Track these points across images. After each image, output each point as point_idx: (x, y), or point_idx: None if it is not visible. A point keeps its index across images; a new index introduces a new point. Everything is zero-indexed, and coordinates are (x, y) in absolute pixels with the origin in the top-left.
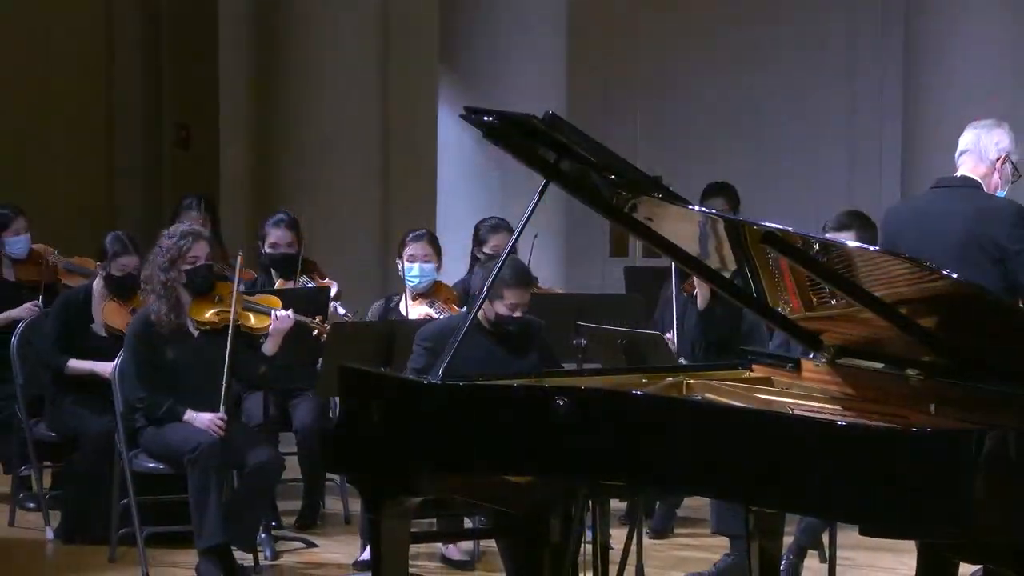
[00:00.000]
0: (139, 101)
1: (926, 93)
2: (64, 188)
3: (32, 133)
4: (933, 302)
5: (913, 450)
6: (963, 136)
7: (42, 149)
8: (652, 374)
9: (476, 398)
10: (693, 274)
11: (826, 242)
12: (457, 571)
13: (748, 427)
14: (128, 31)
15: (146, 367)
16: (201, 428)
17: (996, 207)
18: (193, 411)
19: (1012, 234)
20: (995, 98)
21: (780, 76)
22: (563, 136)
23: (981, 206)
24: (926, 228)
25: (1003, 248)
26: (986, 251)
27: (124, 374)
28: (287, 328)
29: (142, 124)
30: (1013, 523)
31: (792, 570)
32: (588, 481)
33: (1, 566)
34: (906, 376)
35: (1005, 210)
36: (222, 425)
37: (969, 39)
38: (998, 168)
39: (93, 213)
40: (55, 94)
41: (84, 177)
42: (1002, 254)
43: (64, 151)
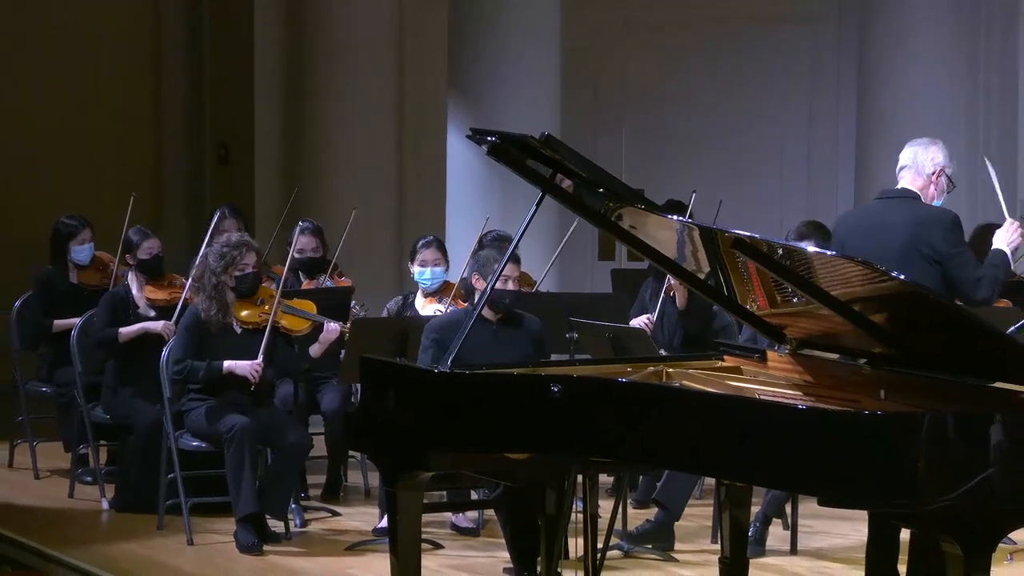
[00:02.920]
0: (183, 123)
1: (877, 116)
2: (115, 201)
3: (89, 153)
4: (883, 300)
5: (865, 431)
6: (903, 153)
7: (98, 167)
8: (636, 364)
9: (480, 385)
10: (672, 276)
11: (789, 247)
12: (464, 537)
13: (720, 410)
14: (174, 62)
15: (192, 353)
16: (242, 374)
17: (933, 215)
18: (231, 362)
19: (947, 238)
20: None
21: (748, 101)
22: (557, 153)
23: (919, 214)
24: (871, 234)
25: (940, 251)
26: (924, 254)
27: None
28: (334, 338)
29: (185, 143)
30: (952, 494)
31: (759, 536)
32: (579, 458)
33: (62, 532)
34: (859, 365)
35: (941, 218)
36: (260, 371)
37: (916, 69)
38: (934, 181)
39: (142, 222)
40: (110, 117)
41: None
42: (939, 257)
43: (116, 167)
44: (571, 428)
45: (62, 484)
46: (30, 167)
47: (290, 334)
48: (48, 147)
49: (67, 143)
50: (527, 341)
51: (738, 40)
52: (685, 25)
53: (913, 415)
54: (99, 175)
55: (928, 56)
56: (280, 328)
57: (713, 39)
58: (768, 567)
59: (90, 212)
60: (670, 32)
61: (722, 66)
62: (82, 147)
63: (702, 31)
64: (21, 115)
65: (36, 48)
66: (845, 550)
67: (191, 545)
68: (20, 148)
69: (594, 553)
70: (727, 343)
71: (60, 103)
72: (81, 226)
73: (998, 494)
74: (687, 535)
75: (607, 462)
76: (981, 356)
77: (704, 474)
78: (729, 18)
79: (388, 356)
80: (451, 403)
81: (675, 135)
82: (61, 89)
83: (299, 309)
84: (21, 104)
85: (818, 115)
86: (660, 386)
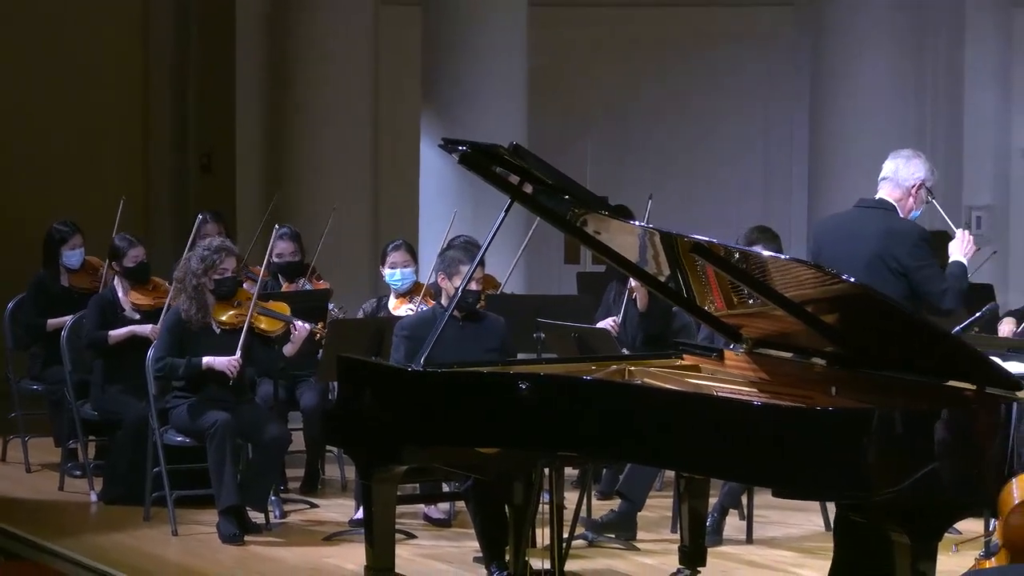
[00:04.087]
0: (169, 134)
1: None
2: (105, 208)
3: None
4: (834, 302)
5: (817, 426)
6: (885, 164)
7: (89, 174)
8: (600, 363)
9: (452, 383)
10: (634, 278)
11: (745, 252)
12: (436, 528)
13: (680, 406)
14: (161, 77)
15: (173, 351)
16: (220, 369)
17: (902, 229)
18: (210, 357)
19: (912, 252)
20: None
21: (706, 114)
22: (525, 162)
23: (890, 227)
24: (843, 242)
25: (905, 265)
26: (889, 266)
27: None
28: (305, 336)
29: (171, 152)
30: (900, 486)
31: (716, 526)
32: (545, 452)
33: (52, 523)
34: (812, 364)
35: (909, 232)
36: (238, 367)
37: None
38: (913, 194)
39: (130, 228)
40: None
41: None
42: (904, 270)
43: (106, 175)
44: (538, 424)
45: (53, 478)
46: (24, 175)
47: (266, 335)
48: (42, 155)
49: (60, 151)
50: (491, 336)
51: (698, 56)
52: (647, 43)
53: (863, 411)
54: (90, 182)
55: (878, 72)
56: (256, 330)
57: (673, 56)
58: (725, 555)
59: (81, 218)
60: (632, 49)
61: (682, 81)
62: (74, 155)
63: (663, 49)
64: (16, 126)
65: (33, 63)
66: (798, 539)
67: (176, 536)
68: (14, 156)
69: (560, 542)
70: (686, 342)
71: (53, 115)
72: (72, 232)
73: (944, 486)
74: (648, 525)
75: (572, 456)
76: (928, 355)
77: (664, 467)
78: (688, 36)
79: (364, 355)
80: (424, 400)
81: (637, 145)
82: (55, 102)
83: (273, 311)
84: (16, 116)
85: (773, 126)
86: (623, 384)
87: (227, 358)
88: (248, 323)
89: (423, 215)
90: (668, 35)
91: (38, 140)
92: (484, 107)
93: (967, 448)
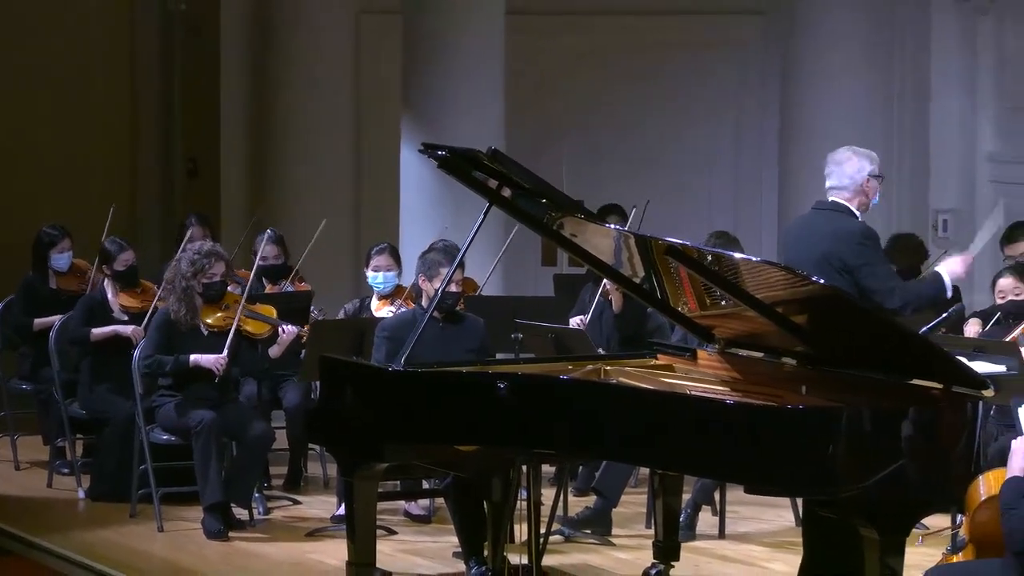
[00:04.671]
0: (156, 140)
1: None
2: (95, 211)
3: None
4: (804, 303)
5: (788, 424)
6: (826, 170)
7: (78, 179)
8: (576, 362)
9: (432, 382)
10: (609, 280)
11: (717, 254)
12: (416, 524)
13: (654, 405)
14: (148, 85)
15: (161, 350)
16: (207, 367)
17: (845, 230)
18: (197, 355)
19: (855, 251)
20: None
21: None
22: (503, 167)
23: (834, 229)
24: (799, 243)
25: (848, 264)
26: (835, 266)
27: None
28: (291, 339)
29: (158, 158)
30: (868, 482)
31: (689, 522)
32: (523, 449)
33: (41, 519)
34: (782, 363)
35: (852, 232)
36: (224, 364)
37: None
38: (864, 190)
39: (119, 231)
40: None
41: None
42: (848, 269)
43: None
44: (516, 422)
45: (41, 475)
46: (14, 179)
47: (252, 337)
48: (31, 160)
49: (49, 157)
50: (470, 337)
51: (670, 64)
52: (621, 51)
53: (832, 409)
54: (78, 187)
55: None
56: (243, 332)
57: (647, 63)
58: (698, 550)
59: (69, 222)
60: (607, 57)
61: (655, 88)
62: (63, 161)
63: (637, 57)
64: (6, 132)
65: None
66: (770, 534)
67: (162, 531)
68: (4, 161)
69: (537, 538)
70: (660, 342)
71: (43, 122)
72: (61, 235)
73: (912, 482)
74: (623, 521)
75: (549, 453)
76: (895, 354)
77: (639, 464)
78: (661, 44)
79: (346, 355)
80: (404, 399)
81: (612, 150)
82: (46, 110)
83: (260, 314)
84: (6, 122)
85: (743, 132)
86: (599, 383)
87: (214, 356)
88: (236, 325)
89: (404, 219)
90: (641, 43)
91: (28, 145)
92: (463, 113)
93: (934, 446)
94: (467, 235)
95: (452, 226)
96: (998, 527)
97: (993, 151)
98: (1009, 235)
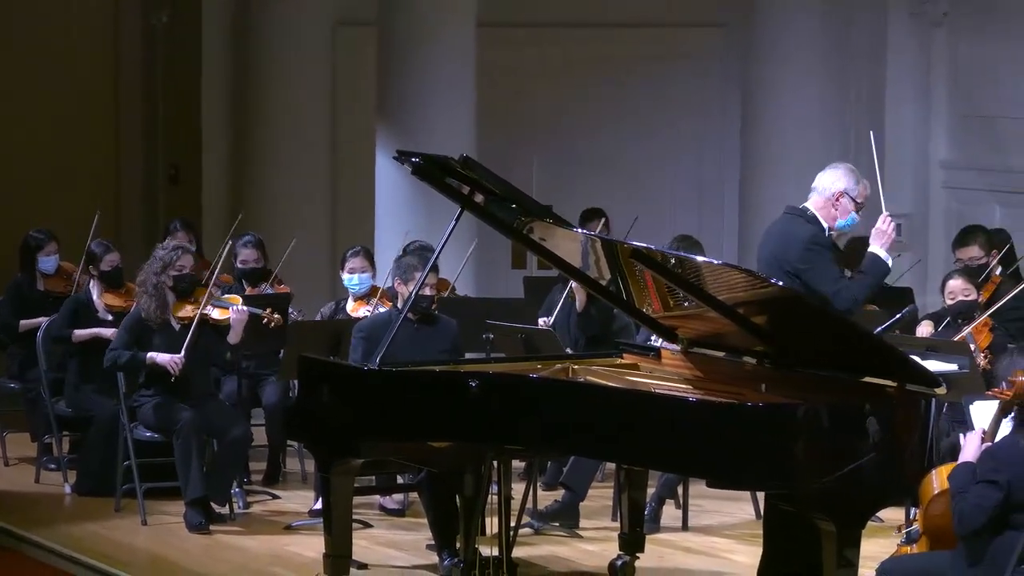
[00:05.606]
0: (140, 147)
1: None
2: (81, 215)
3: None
4: (763, 304)
5: (748, 420)
6: (818, 175)
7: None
8: (545, 362)
9: (406, 381)
10: (577, 282)
11: (681, 257)
12: (391, 517)
13: (620, 402)
14: (132, 94)
15: (128, 345)
16: (163, 365)
17: (795, 234)
18: (154, 352)
19: (802, 255)
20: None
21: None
22: (474, 173)
23: (787, 232)
24: (762, 245)
25: (795, 267)
26: (783, 268)
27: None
28: (244, 319)
29: (142, 165)
30: (826, 477)
31: (654, 515)
32: (494, 445)
33: (28, 513)
34: (743, 362)
35: (801, 236)
36: (179, 364)
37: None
38: (834, 203)
39: (103, 234)
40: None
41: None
42: (795, 272)
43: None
44: (487, 419)
45: (29, 471)
46: (3, 186)
47: (219, 324)
48: (19, 167)
49: (36, 164)
50: (444, 338)
51: (636, 74)
52: (588, 62)
53: (790, 406)
54: (65, 193)
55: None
56: (210, 320)
57: (614, 74)
58: (662, 542)
59: (56, 226)
60: (574, 68)
61: (622, 97)
62: (50, 168)
63: (604, 67)
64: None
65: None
66: (731, 527)
67: (145, 525)
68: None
69: (507, 531)
70: (626, 342)
71: (30, 130)
72: (48, 239)
73: (867, 477)
74: (591, 514)
75: (519, 449)
76: (852, 354)
77: (605, 460)
78: (628, 55)
79: (323, 355)
80: (380, 397)
81: (580, 156)
82: (33, 120)
83: (224, 301)
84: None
85: (705, 140)
86: (567, 381)
87: (170, 355)
88: (198, 318)
89: (379, 223)
90: (609, 54)
91: (15, 153)
92: (435, 122)
93: (889, 441)
94: (440, 239)
95: (425, 230)
96: (950, 519)
97: (946, 158)
98: (960, 239)
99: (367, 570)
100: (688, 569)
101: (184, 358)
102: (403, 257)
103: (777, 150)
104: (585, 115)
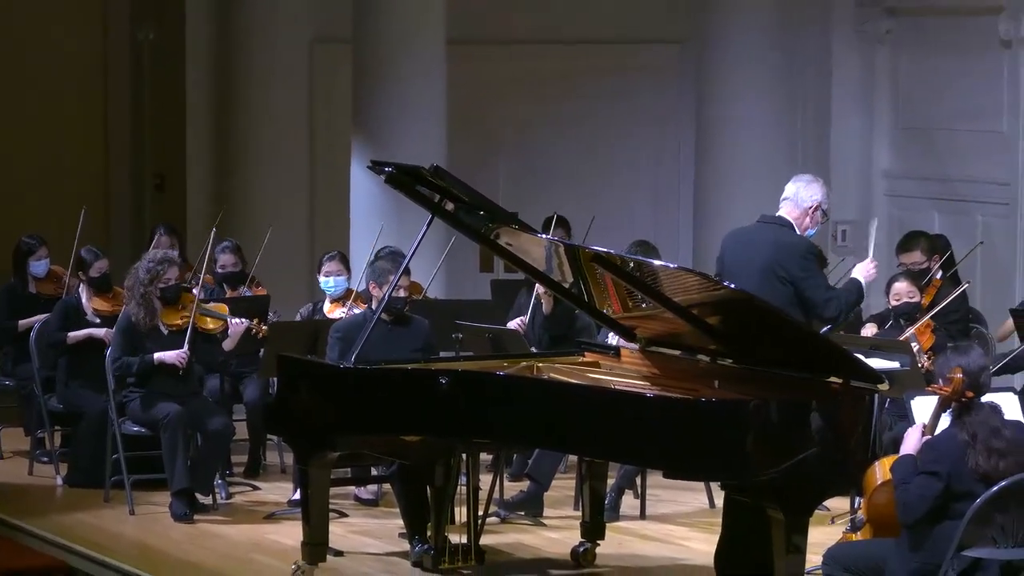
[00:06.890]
0: (127, 156)
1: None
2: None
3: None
4: (717, 305)
5: (702, 415)
6: (787, 186)
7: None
8: (511, 360)
9: (380, 378)
10: (541, 285)
11: (639, 261)
12: (365, 507)
13: (582, 398)
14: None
15: (128, 351)
16: (171, 362)
17: (792, 243)
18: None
19: (800, 264)
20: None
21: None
22: (444, 181)
23: (781, 241)
24: (742, 251)
25: (792, 275)
26: (778, 275)
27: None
28: (241, 331)
29: (129, 173)
30: (775, 468)
31: (614, 504)
32: (463, 439)
33: (21, 504)
34: (698, 360)
35: (798, 246)
36: (185, 359)
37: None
38: (810, 214)
39: (91, 239)
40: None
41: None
42: (792, 279)
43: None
44: (456, 414)
45: (22, 463)
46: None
47: (208, 332)
48: (9, 175)
49: (26, 172)
50: (416, 337)
51: (597, 88)
52: (553, 76)
53: (742, 402)
54: (54, 200)
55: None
56: (201, 328)
57: (576, 88)
58: (621, 530)
59: (46, 231)
60: (540, 82)
61: (584, 110)
62: (39, 176)
63: (567, 81)
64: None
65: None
66: (687, 515)
67: (133, 515)
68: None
69: (475, 520)
70: (587, 341)
71: (20, 138)
72: (39, 244)
73: (815, 468)
74: (554, 503)
75: (486, 442)
76: (800, 352)
77: (568, 452)
78: (590, 70)
79: (301, 354)
80: (355, 394)
81: (545, 166)
82: (23, 132)
83: (214, 311)
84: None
85: (663, 151)
86: (531, 378)
87: (176, 352)
88: (193, 321)
89: (354, 229)
90: (572, 69)
91: (5, 161)
92: (407, 133)
93: (835, 434)
94: (411, 244)
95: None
96: (893, 508)
97: (888, 168)
98: (904, 244)
99: (343, 557)
100: (646, 555)
101: (188, 352)
102: (376, 261)
103: (730, 159)
104: (549, 127)
